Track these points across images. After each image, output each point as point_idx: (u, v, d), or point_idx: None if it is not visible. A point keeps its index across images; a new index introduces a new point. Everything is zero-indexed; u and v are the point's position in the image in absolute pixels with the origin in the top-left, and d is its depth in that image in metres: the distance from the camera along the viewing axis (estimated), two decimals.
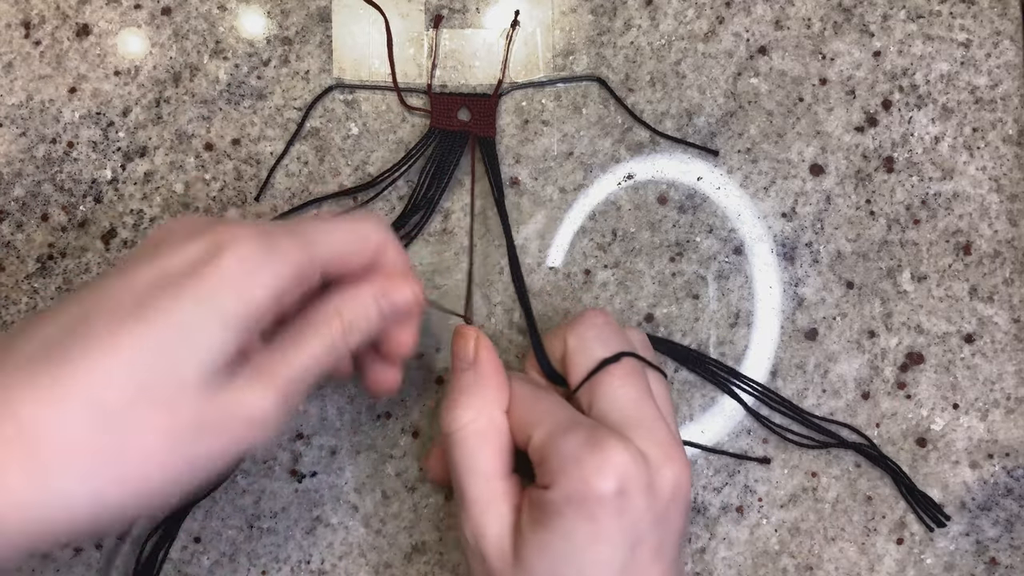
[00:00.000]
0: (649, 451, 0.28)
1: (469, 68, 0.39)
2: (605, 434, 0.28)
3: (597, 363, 0.31)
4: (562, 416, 0.30)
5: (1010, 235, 0.39)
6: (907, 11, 0.40)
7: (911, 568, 0.39)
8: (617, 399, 0.30)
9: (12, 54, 0.38)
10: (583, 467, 0.27)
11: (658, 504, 0.28)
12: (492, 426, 0.30)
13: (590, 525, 0.27)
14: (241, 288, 0.26)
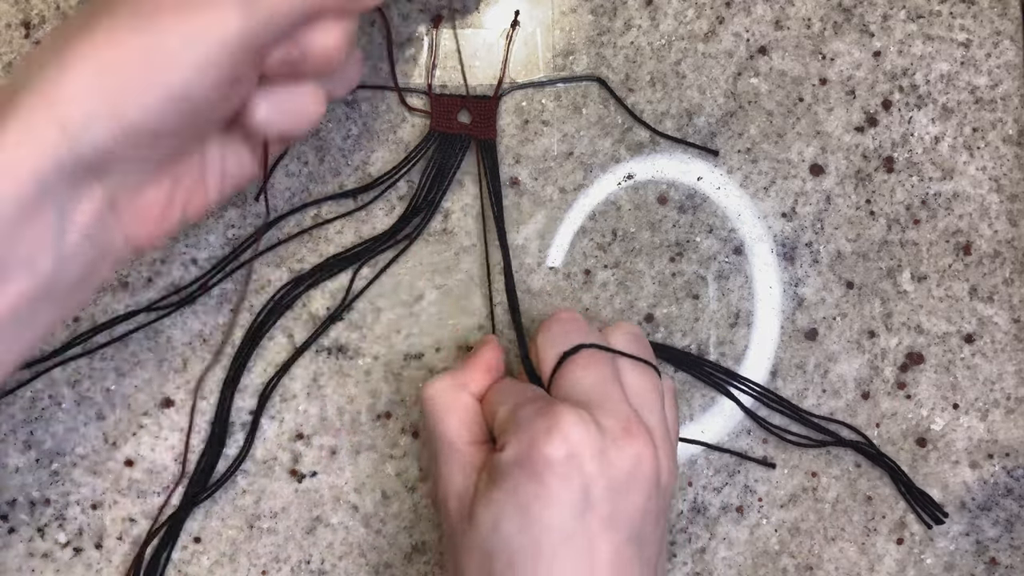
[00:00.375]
0: (606, 423, 0.29)
1: (469, 68, 0.39)
2: (559, 404, 0.29)
3: (559, 357, 0.32)
4: (528, 394, 0.31)
5: (1010, 235, 0.39)
6: (907, 11, 0.40)
7: (911, 568, 0.39)
8: (576, 382, 0.31)
9: (12, 54, 0.38)
10: (533, 430, 0.28)
11: (612, 473, 0.28)
12: (459, 400, 0.32)
13: (535, 485, 0.28)
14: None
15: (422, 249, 0.39)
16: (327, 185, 0.38)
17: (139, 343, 0.38)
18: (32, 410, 0.37)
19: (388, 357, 0.38)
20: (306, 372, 0.38)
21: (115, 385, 0.38)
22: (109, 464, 0.37)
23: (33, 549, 0.37)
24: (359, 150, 0.39)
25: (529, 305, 0.38)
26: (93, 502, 0.37)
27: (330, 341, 0.38)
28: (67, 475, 0.37)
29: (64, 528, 0.37)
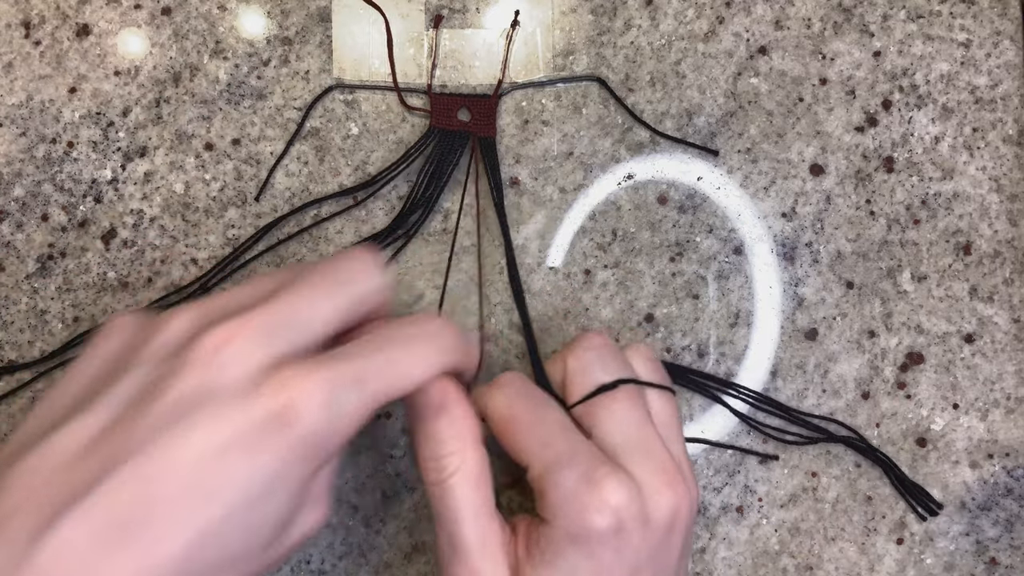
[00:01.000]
0: (645, 479, 0.28)
1: (469, 68, 0.39)
2: (603, 470, 0.28)
3: (595, 387, 0.31)
4: (561, 445, 0.29)
5: (1010, 235, 0.39)
6: (907, 11, 0.40)
7: (911, 568, 0.39)
8: (615, 424, 0.30)
9: (12, 54, 0.38)
10: (582, 505, 0.27)
11: (654, 535, 0.28)
12: (479, 467, 0.29)
13: (590, 562, 0.27)
14: (310, 455, 0.24)
15: (422, 249, 0.39)
16: (327, 185, 0.38)
17: None
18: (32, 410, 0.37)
19: None
20: None
21: None
22: None
23: None
24: (359, 150, 0.39)
25: (529, 305, 0.38)
26: None
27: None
28: None
29: None
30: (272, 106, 0.39)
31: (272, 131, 0.38)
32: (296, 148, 0.38)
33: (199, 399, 0.23)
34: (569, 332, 0.38)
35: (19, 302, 0.38)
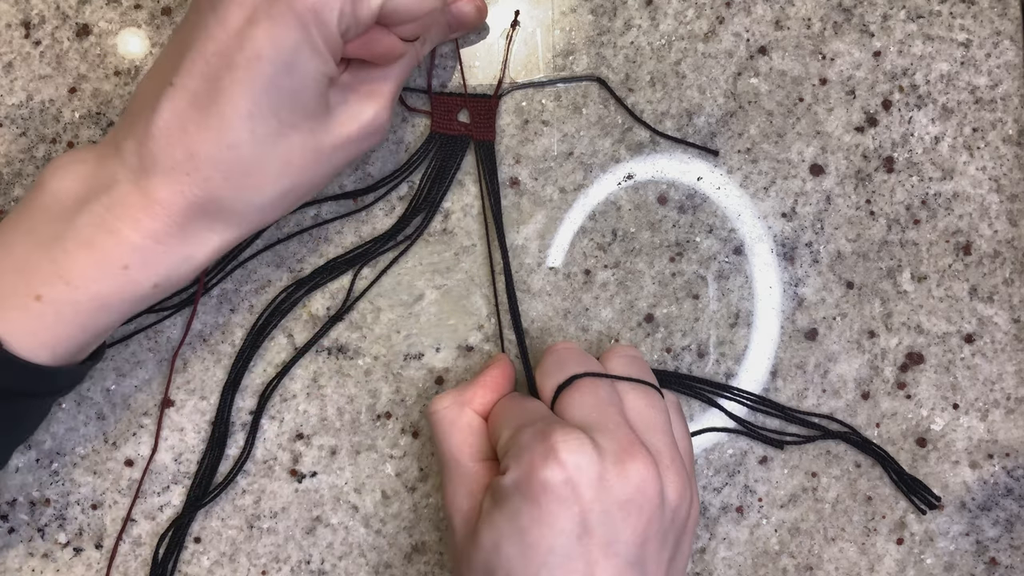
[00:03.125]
0: (606, 445, 0.29)
1: (469, 68, 0.39)
2: (558, 426, 0.29)
3: (555, 389, 0.32)
4: (530, 414, 0.31)
5: (1010, 235, 0.39)
6: (907, 11, 0.40)
7: (911, 568, 0.39)
8: (575, 408, 0.31)
9: (12, 54, 0.38)
10: (532, 454, 0.29)
11: (611, 498, 0.28)
12: (462, 418, 0.33)
13: (534, 509, 0.28)
14: (317, 18, 0.29)
15: (422, 249, 0.39)
16: (327, 186, 0.38)
17: (139, 343, 0.38)
18: None
19: (388, 357, 0.38)
20: (306, 372, 0.38)
21: (115, 385, 0.38)
22: (109, 464, 0.37)
23: (33, 549, 0.37)
24: None
25: (529, 305, 0.38)
26: (93, 502, 0.37)
27: (330, 341, 0.38)
28: (67, 475, 0.37)
29: (64, 528, 0.37)
30: None
31: None
32: None
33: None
34: (569, 332, 0.38)
35: None
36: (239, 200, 0.31)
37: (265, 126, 0.30)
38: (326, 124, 0.32)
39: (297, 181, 0.32)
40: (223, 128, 0.29)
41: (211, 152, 0.29)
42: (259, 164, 0.30)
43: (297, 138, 0.31)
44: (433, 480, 0.38)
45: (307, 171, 0.32)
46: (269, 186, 0.31)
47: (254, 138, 0.30)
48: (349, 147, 0.33)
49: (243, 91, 0.29)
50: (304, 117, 0.31)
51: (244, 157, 0.30)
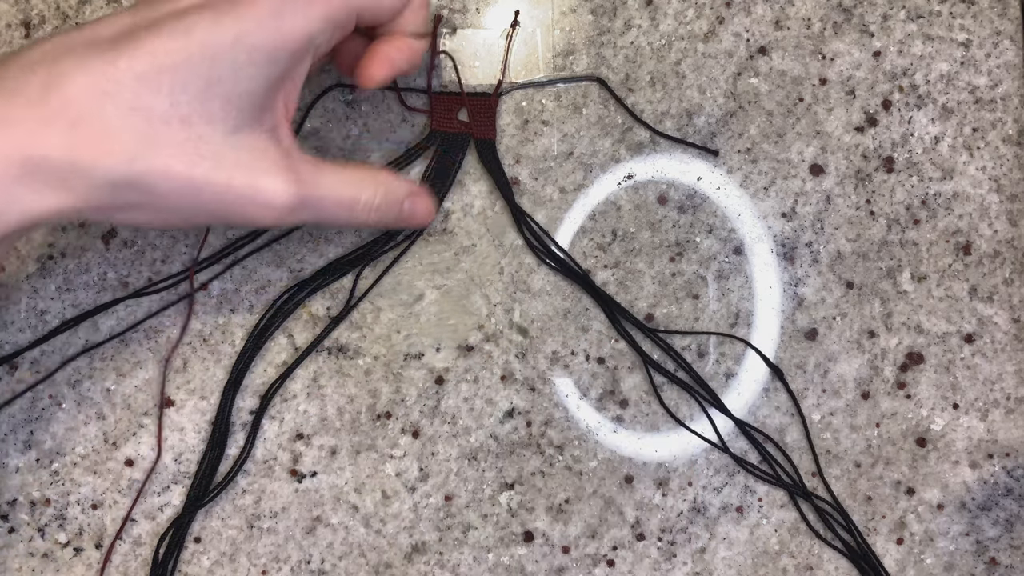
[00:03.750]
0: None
1: (469, 68, 0.39)
2: None
3: None
4: None
5: (1010, 235, 0.39)
6: (907, 11, 0.40)
7: (911, 568, 0.39)
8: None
9: None
10: None
11: None
12: None
13: None
14: (274, 27, 0.27)
15: (422, 249, 0.39)
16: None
17: (139, 343, 0.38)
18: (32, 410, 0.37)
19: (388, 357, 0.38)
20: (306, 372, 0.38)
21: (115, 385, 0.38)
22: (109, 464, 0.37)
23: (33, 549, 0.37)
24: (359, 150, 0.39)
25: (529, 305, 0.38)
26: (93, 502, 0.37)
27: (330, 341, 0.38)
28: (67, 475, 0.37)
29: (64, 528, 0.37)
30: None
31: None
32: None
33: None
34: (569, 332, 0.38)
35: (19, 302, 0.38)
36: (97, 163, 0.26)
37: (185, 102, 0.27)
38: (229, 150, 0.28)
39: (156, 181, 0.27)
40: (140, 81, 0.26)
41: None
42: (141, 133, 0.26)
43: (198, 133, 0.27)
44: (433, 480, 0.38)
45: (173, 181, 0.27)
46: (125, 164, 0.26)
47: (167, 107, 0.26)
48: (226, 199, 0.28)
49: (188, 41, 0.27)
50: (223, 117, 0.28)
51: (139, 121, 0.26)
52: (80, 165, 0.26)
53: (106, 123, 0.26)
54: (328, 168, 0.31)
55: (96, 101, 0.26)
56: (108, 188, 0.26)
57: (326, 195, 0.30)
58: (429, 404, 0.38)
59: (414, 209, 0.34)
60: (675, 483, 0.38)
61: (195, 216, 0.29)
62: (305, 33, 0.28)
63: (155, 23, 0.27)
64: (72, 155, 0.25)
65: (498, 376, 0.38)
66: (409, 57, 0.33)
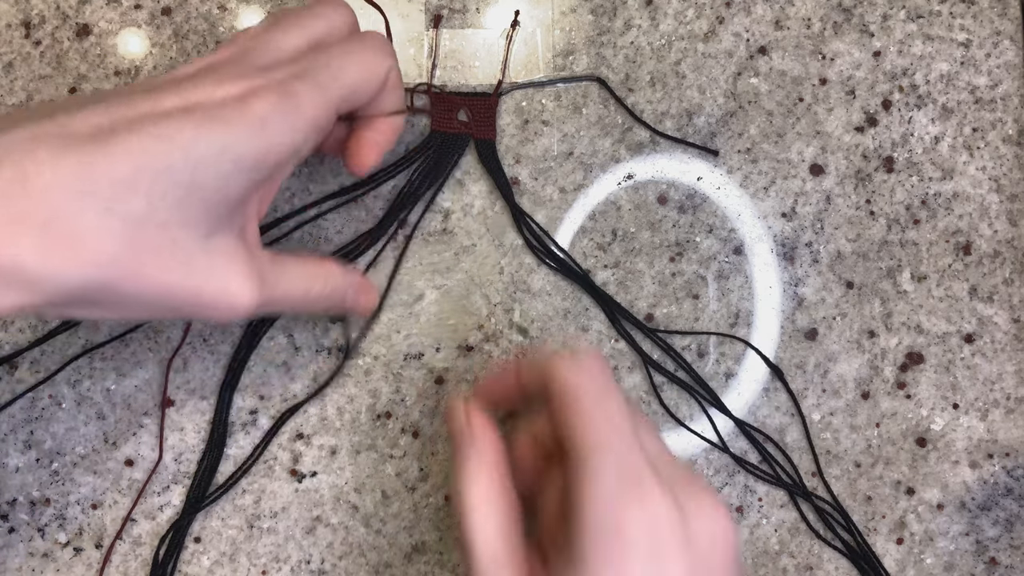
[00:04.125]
0: (687, 503, 0.27)
1: (469, 68, 0.39)
2: (652, 477, 0.26)
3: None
4: (616, 436, 0.27)
5: (1010, 235, 0.39)
6: (907, 11, 0.40)
7: (911, 568, 0.39)
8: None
9: (12, 54, 0.38)
10: (622, 503, 0.26)
11: (696, 560, 0.26)
12: (502, 495, 0.29)
13: (612, 571, 0.25)
14: (261, 138, 0.27)
15: (422, 249, 0.39)
16: (327, 185, 0.38)
17: (139, 343, 0.38)
18: (32, 410, 0.37)
19: (388, 357, 0.38)
20: (306, 372, 0.38)
21: (115, 385, 0.38)
22: (109, 464, 0.37)
23: (33, 549, 0.37)
24: None
25: (529, 305, 0.38)
26: (93, 502, 0.37)
27: (330, 341, 0.38)
28: (67, 475, 0.37)
29: (64, 528, 0.37)
30: None
31: None
32: None
33: (182, 80, 0.28)
34: (569, 332, 0.38)
35: None
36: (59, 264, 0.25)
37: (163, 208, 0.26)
38: (202, 255, 0.28)
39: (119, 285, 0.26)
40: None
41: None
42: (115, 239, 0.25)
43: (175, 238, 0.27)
44: (433, 480, 0.38)
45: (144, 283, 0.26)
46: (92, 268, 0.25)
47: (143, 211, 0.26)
48: (194, 303, 0.28)
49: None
50: (198, 222, 0.27)
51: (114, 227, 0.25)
52: (51, 270, 0.24)
53: (81, 225, 0.24)
54: (284, 263, 0.31)
55: (71, 202, 0.24)
56: (76, 290, 0.25)
57: (283, 292, 0.31)
58: (429, 404, 0.38)
59: (356, 299, 0.35)
60: None
61: (158, 314, 0.28)
62: (291, 143, 0.28)
63: (135, 123, 0.25)
64: (43, 260, 0.24)
65: None
66: (393, 136, 0.34)
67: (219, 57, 0.29)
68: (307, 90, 0.28)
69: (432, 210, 0.39)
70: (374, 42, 0.31)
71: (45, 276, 0.24)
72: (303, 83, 0.28)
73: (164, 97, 0.27)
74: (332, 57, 0.30)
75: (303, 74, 0.28)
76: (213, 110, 0.27)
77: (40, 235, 0.24)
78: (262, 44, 0.29)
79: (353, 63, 0.30)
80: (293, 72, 0.28)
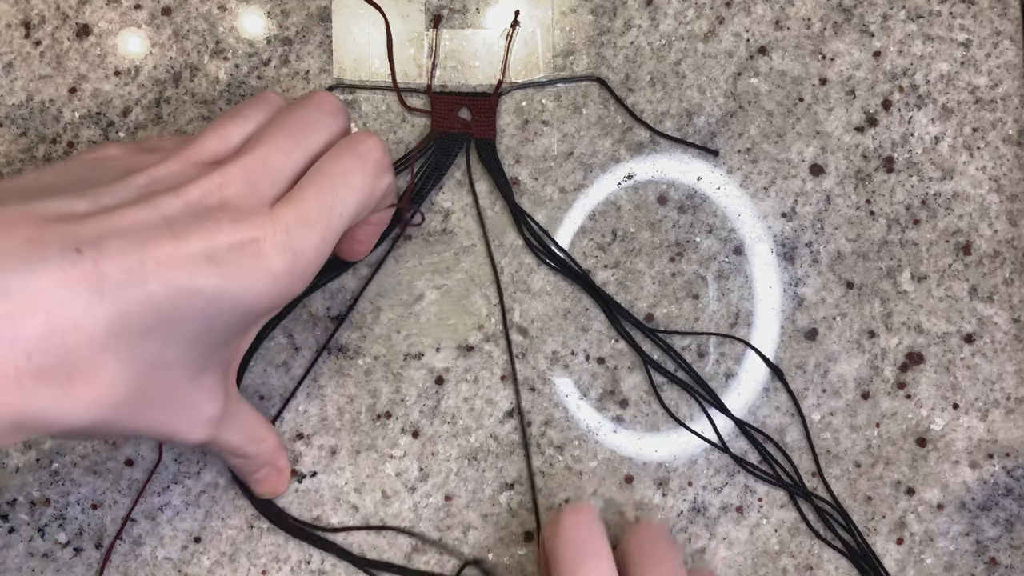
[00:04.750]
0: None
1: (469, 68, 0.39)
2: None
3: None
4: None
5: (1010, 235, 0.39)
6: (907, 11, 0.40)
7: (911, 568, 0.39)
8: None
9: (12, 54, 0.38)
10: None
11: None
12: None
13: None
14: (274, 294, 0.27)
15: (422, 249, 0.39)
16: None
17: None
18: None
19: (388, 357, 0.38)
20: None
21: None
22: (109, 464, 0.37)
23: (33, 549, 0.37)
24: None
25: (529, 305, 0.38)
26: (93, 502, 0.37)
27: (330, 341, 0.38)
28: (67, 475, 0.37)
29: (64, 528, 0.37)
30: None
31: None
32: None
33: (200, 214, 0.26)
34: (569, 332, 0.38)
35: None
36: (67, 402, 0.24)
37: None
38: (190, 392, 0.28)
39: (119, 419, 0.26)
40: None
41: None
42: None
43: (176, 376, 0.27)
44: (433, 480, 0.38)
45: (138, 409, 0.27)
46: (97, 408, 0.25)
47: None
48: (165, 435, 0.28)
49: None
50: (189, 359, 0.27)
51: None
52: (66, 417, 0.24)
53: (102, 373, 0.24)
54: (241, 411, 0.32)
55: (98, 353, 0.24)
56: (76, 430, 0.25)
57: (225, 438, 0.31)
58: (429, 404, 0.38)
59: (267, 478, 0.35)
60: (675, 483, 0.38)
61: (124, 436, 0.29)
62: (299, 291, 0.29)
63: (164, 268, 0.25)
64: (61, 409, 0.24)
65: (498, 376, 0.38)
66: (386, 221, 0.35)
67: (229, 173, 0.27)
68: (315, 242, 0.28)
69: (432, 210, 0.39)
70: (374, 157, 0.31)
71: (59, 421, 0.24)
72: (311, 234, 0.28)
73: (188, 236, 0.26)
74: (336, 192, 0.29)
75: (310, 221, 0.28)
76: (235, 261, 0.26)
77: (63, 386, 0.24)
78: (268, 170, 0.28)
79: (355, 192, 0.30)
80: (301, 217, 0.28)
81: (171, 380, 0.27)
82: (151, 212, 0.26)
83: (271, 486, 0.36)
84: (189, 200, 0.27)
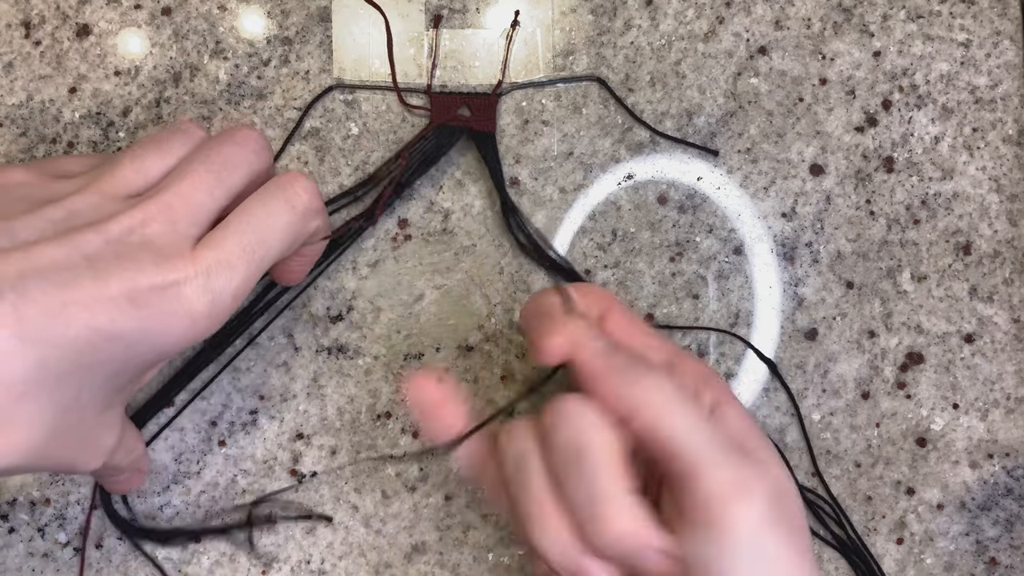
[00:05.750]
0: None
1: (469, 68, 0.39)
2: (749, 471, 0.27)
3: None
4: (702, 434, 0.27)
5: (1010, 235, 0.39)
6: (907, 11, 0.40)
7: (911, 568, 0.39)
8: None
9: (12, 54, 0.38)
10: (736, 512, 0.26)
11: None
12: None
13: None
14: (193, 335, 0.27)
15: (422, 249, 0.39)
16: (327, 185, 0.38)
17: None
18: None
19: (388, 357, 0.38)
20: (306, 372, 0.38)
21: None
22: None
23: (33, 549, 0.37)
24: (359, 150, 0.39)
25: None
26: (93, 502, 0.37)
27: (330, 341, 0.38)
28: (67, 475, 0.37)
29: (64, 528, 0.37)
30: (272, 106, 0.39)
31: (272, 131, 0.39)
32: (296, 148, 0.38)
33: (121, 253, 0.26)
34: None
35: None
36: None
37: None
38: (97, 429, 0.28)
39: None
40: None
41: None
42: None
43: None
44: (433, 480, 0.38)
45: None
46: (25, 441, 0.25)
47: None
48: (69, 470, 0.28)
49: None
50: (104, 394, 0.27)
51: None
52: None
53: (21, 418, 0.24)
54: (126, 433, 0.31)
55: (20, 400, 0.24)
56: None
57: (119, 462, 0.31)
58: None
59: (129, 480, 0.34)
60: None
61: (25, 473, 0.30)
62: (214, 330, 0.28)
63: (87, 309, 0.25)
64: None
65: (498, 376, 0.38)
66: (317, 255, 0.34)
67: (149, 210, 0.27)
68: (236, 285, 0.27)
69: (432, 210, 0.39)
70: (302, 201, 0.30)
71: None
72: (232, 276, 0.27)
73: (110, 277, 0.25)
74: (259, 235, 0.28)
75: (231, 264, 0.27)
76: (156, 303, 0.26)
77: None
78: (190, 208, 0.27)
79: (280, 236, 0.29)
80: (223, 260, 0.27)
81: (81, 419, 0.27)
82: (71, 250, 0.25)
83: (131, 486, 0.35)
84: (109, 238, 0.26)
